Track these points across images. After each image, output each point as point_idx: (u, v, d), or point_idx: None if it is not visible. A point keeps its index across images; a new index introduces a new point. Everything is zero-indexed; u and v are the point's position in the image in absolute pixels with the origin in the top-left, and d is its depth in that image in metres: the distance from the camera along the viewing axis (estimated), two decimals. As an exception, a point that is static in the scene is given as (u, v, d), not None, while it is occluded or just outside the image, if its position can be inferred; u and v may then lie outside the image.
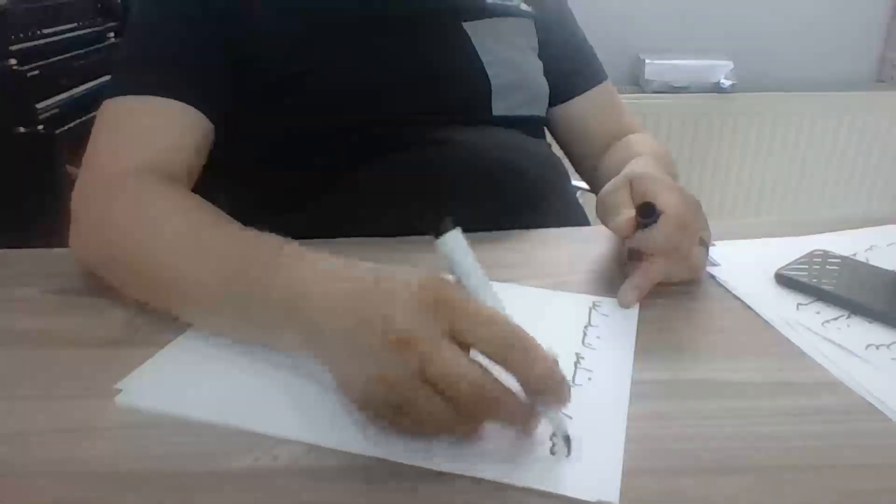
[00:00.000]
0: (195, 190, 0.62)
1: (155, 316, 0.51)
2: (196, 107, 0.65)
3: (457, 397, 0.35)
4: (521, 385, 0.36)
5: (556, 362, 0.36)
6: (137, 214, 0.55)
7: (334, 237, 0.62)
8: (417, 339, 0.35)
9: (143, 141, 0.62)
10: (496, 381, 0.36)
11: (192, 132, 0.65)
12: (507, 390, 0.36)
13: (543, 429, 0.39)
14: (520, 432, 0.38)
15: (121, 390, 0.42)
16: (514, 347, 0.35)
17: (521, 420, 0.37)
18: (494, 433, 0.39)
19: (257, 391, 0.43)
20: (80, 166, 0.61)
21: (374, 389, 0.37)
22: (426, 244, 0.41)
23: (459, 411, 0.35)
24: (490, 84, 0.75)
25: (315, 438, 0.38)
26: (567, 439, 0.38)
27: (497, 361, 0.36)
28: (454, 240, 0.39)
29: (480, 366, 0.36)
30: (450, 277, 0.39)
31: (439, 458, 0.37)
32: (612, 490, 0.35)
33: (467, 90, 0.75)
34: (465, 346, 0.36)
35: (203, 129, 0.66)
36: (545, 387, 0.36)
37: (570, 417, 0.40)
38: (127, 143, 0.62)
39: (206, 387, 0.43)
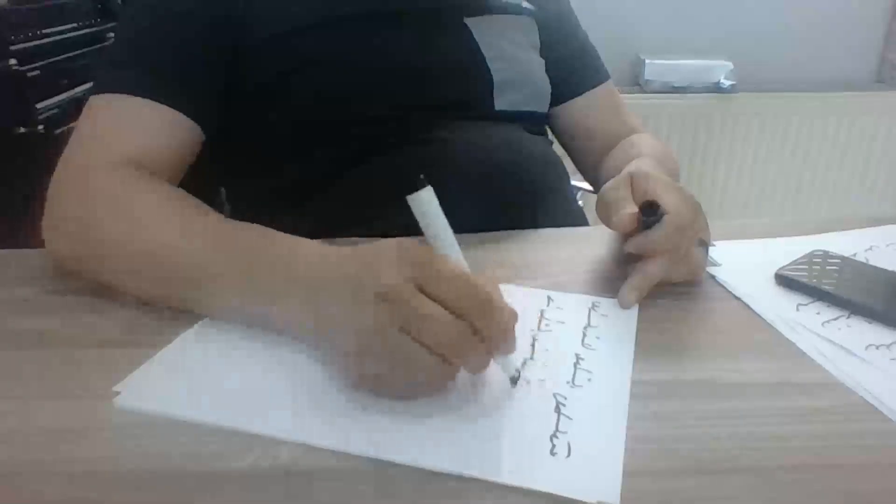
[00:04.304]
0: (197, 184, 0.62)
1: (154, 317, 0.51)
2: (185, 112, 0.64)
3: (435, 342, 0.39)
4: (479, 334, 0.40)
5: (512, 315, 0.42)
6: (123, 205, 0.55)
7: (333, 235, 0.61)
8: (398, 294, 0.39)
9: (124, 138, 0.61)
10: (464, 326, 0.39)
11: (176, 135, 0.64)
12: (472, 335, 0.40)
13: (544, 429, 0.39)
14: (472, 374, 0.43)
15: (119, 392, 0.42)
16: (473, 305, 0.40)
17: (480, 364, 0.42)
18: (494, 433, 0.39)
19: (257, 392, 0.43)
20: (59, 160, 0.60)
21: (369, 341, 0.40)
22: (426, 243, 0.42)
23: (437, 355, 0.39)
24: (492, 78, 0.75)
25: (315, 439, 0.38)
26: (513, 379, 0.43)
27: (460, 316, 0.39)
28: (426, 196, 0.41)
29: (450, 316, 0.39)
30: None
31: (440, 458, 0.37)
32: (613, 491, 0.35)
33: (469, 84, 0.75)
34: (437, 301, 0.40)
35: (187, 134, 0.65)
36: (499, 338, 0.41)
37: (571, 419, 0.40)
38: (108, 138, 0.61)
39: (206, 388, 0.43)
